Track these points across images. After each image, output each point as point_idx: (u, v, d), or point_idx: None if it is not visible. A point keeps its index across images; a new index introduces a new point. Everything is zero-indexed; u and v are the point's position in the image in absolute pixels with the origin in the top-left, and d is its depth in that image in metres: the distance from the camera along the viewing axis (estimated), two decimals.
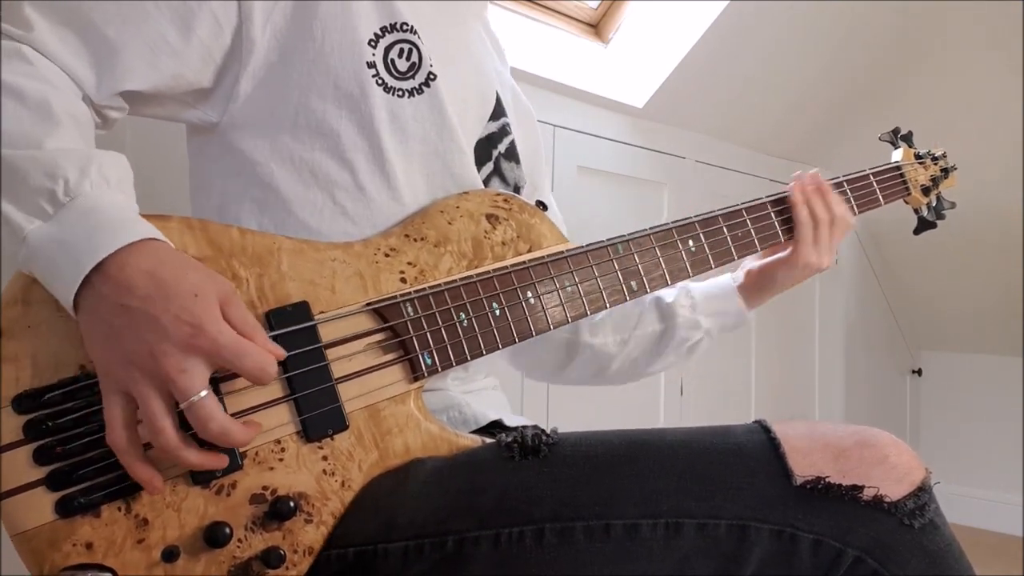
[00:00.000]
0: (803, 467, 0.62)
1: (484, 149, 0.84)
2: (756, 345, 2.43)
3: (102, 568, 0.58)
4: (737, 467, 0.63)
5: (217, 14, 0.70)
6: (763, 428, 0.66)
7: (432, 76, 0.77)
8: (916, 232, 1.13)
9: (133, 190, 0.65)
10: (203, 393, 0.55)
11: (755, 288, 0.98)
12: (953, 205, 1.14)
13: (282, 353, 0.62)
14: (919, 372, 3.21)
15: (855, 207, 1.01)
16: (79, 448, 0.59)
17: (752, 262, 0.99)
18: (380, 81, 0.74)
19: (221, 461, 0.60)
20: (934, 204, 1.13)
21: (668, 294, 0.98)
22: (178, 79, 0.71)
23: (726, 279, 0.99)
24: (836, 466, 0.62)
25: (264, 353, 0.58)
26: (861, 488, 0.61)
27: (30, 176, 0.58)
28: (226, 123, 0.74)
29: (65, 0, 0.67)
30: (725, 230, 0.90)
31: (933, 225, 1.14)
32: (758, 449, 0.64)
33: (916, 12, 2.23)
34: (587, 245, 0.81)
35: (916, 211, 1.13)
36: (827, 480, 0.61)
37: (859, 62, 2.35)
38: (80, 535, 0.58)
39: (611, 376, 1.01)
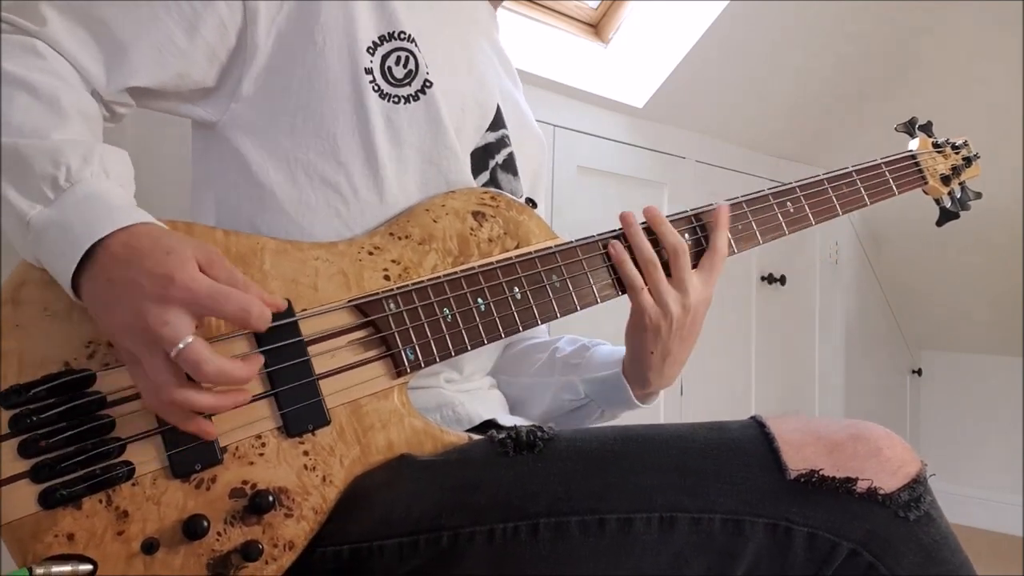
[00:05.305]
0: (797, 460, 0.62)
1: (480, 158, 0.85)
2: (756, 345, 2.43)
3: (83, 559, 0.58)
4: (731, 461, 0.63)
5: (223, 16, 0.72)
6: (757, 423, 0.66)
7: (428, 84, 0.78)
8: (938, 223, 1.09)
9: (132, 185, 0.66)
10: (188, 339, 0.55)
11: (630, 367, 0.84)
12: (979, 195, 1.09)
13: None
14: (919, 372, 3.21)
15: (866, 197, 0.95)
16: (62, 441, 0.60)
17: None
18: (376, 87, 0.76)
19: (239, 397, 0.60)
20: (958, 195, 1.09)
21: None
22: (183, 77, 0.73)
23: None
24: (830, 459, 0.62)
25: (246, 296, 0.57)
26: (855, 481, 0.61)
27: (35, 163, 0.60)
28: (226, 123, 0.75)
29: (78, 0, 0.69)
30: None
31: (955, 216, 1.09)
32: (752, 443, 0.64)
33: (916, 13, 2.23)
34: (576, 240, 0.80)
35: (937, 201, 1.09)
36: (821, 473, 0.61)
37: (859, 62, 2.35)
38: (62, 526, 0.59)
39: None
